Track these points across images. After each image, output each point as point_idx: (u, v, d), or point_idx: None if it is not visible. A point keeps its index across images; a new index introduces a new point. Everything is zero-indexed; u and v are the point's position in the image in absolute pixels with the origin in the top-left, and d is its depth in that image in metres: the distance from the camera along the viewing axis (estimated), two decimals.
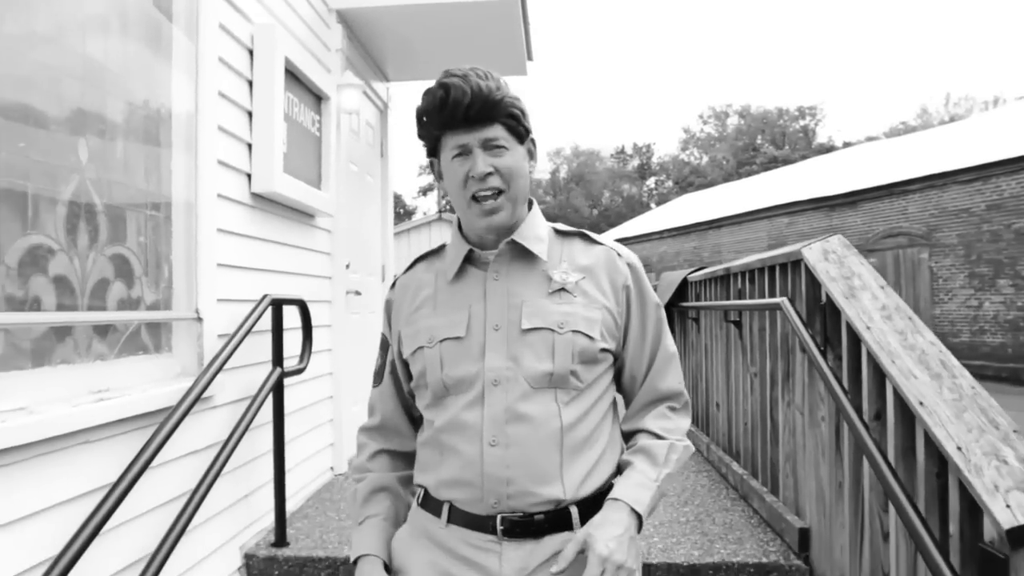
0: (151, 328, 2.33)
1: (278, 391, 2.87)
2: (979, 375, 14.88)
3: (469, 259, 1.29)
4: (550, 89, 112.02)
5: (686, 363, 5.04)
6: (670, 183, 58.73)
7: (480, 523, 1.19)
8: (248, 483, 2.87)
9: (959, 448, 1.61)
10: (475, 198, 1.21)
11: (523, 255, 1.28)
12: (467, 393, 1.22)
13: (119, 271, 2.15)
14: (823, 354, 2.42)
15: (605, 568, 1.07)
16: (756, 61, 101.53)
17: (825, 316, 2.51)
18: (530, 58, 5.19)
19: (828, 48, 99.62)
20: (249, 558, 2.80)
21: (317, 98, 3.64)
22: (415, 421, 1.40)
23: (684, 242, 25.80)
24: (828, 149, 46.74)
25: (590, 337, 1.23)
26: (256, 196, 2.97)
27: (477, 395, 1.21)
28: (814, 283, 2.58)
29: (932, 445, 1.74)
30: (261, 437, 2.93)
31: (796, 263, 2.73)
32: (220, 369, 2.35)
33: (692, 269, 4.93)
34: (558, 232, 1.35)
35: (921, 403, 1.77)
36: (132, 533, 2.07)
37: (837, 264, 2.44)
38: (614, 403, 1.35)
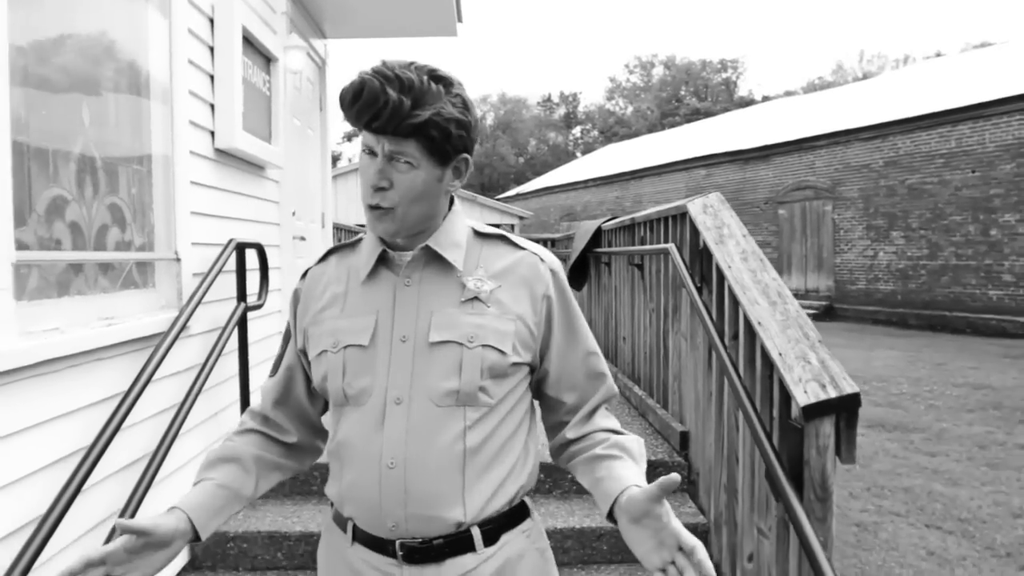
0: (140, 267, 2.72)
1: (242, 323, 3.30)
2: (872, 319, 16.20)
3: (383, 260, 1.23)
4: (478, 35, 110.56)
5: (599, 303, 5.64)
6: (596, 132, 59.47)
7: (381, 545, 1.17)
8: (217, 403, 3.30)
9: (780, 354, 2.20)
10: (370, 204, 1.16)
11: (438, 260, 1.22)
12: (366, 406, 1.17)
13: (115, 218, 2.53)
14: (699, 290, 3.00)
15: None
16: (683, 12, 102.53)
17: (702, 259, 3.08)
18: (460, 20, 5.57)
19: (751, 2, 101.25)
20: None
21: (267, 60, 3.97)
22: (301, 417, 1.36)
23: (608, 191, 26.55)
24: (748, 102, 48.19)
25: (501, 351, 1.17)
26: (219, 151, 3.33)
27: (377, 411, 1.16)
28: (695, 232, 3.14)
29: (766, 355, 2.33)
30: (227, 364, 3.35)
31: (683, 215, 3.29)
32: (199, 303, 2.76)
33: (606, 218, 5.49)
34: (478, 234, 1.28)
35: (759, 323, 2.35)
36: (135, 436, 2.50)
37: (713, 216, 3.00)
38: (531, 412, 1.31)
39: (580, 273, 6.20)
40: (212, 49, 3.28)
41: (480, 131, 1.23)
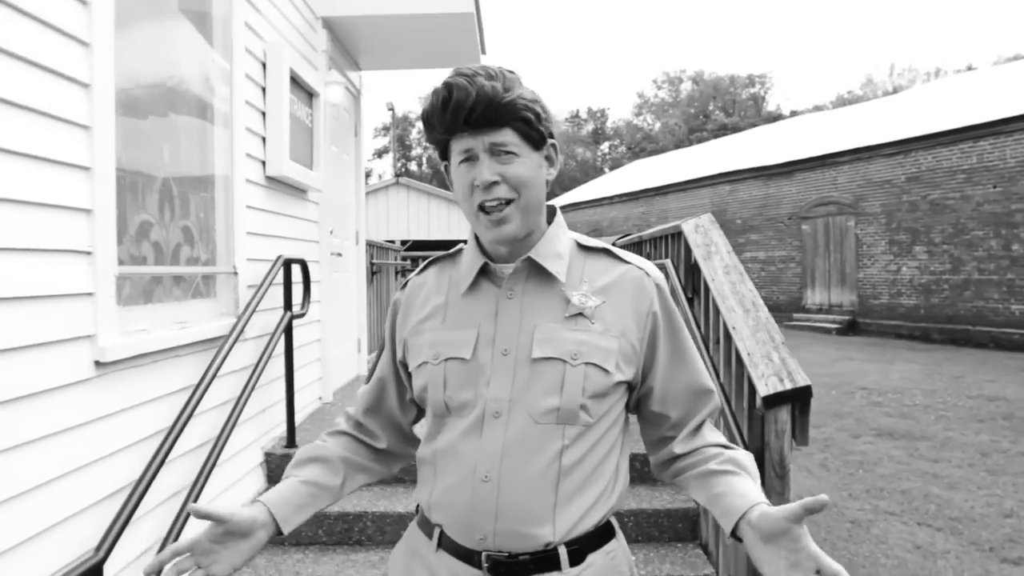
0: (204, 279, 3.17)
1: (288, 330, 3.74)
2: (895, 334, 16.31)
3: (484, 271, 1.23)
4: (505, 51, 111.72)
5: None
6: (623, 148, 59.82)
7: (467, 555, 1.16)
8: (266, 400, 3.74)
9: (748, 354, 2.58)
10: (482, 208, 1.15)
11: (541, 272, 1.21)
12: (466, 418, 1.18)
13: (186, 237, 2.99)
14: (691, 301, 3.38)
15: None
16: (712, 27, 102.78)
17: (694, 273, 3.47)
18: (484, 52, 6.02)
19: (779, 16, 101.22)
20: (268, 455, 3.70)
21: (309, 95, 4.44)
22: (392, 424, 1.40)
23: (633, 207, 26.86)
24: (776, 117, 48.25)
25: (605, 370, 1.17)
26: (269, 179, 3.80)
27: (476, 423, 1.16)
28: (688, 249, 3.52)
29: (739, 355, 2.71)
30: (275, 366, 3.79)
31: (678, 234, 3.67)
32: (254, 311, 3.21)
33: (619, 236, 5.88)
34: (581, 247, 1.28)
35: (734, 328, 2.73)
36: (202, 423, 2.94)
37: (703, 235, 3.39)
38: (624, 430, 1.27)
39: None
40: (264, 89, 3.74)
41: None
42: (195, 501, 2.58)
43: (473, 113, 1.11)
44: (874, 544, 4.41)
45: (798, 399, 2.38)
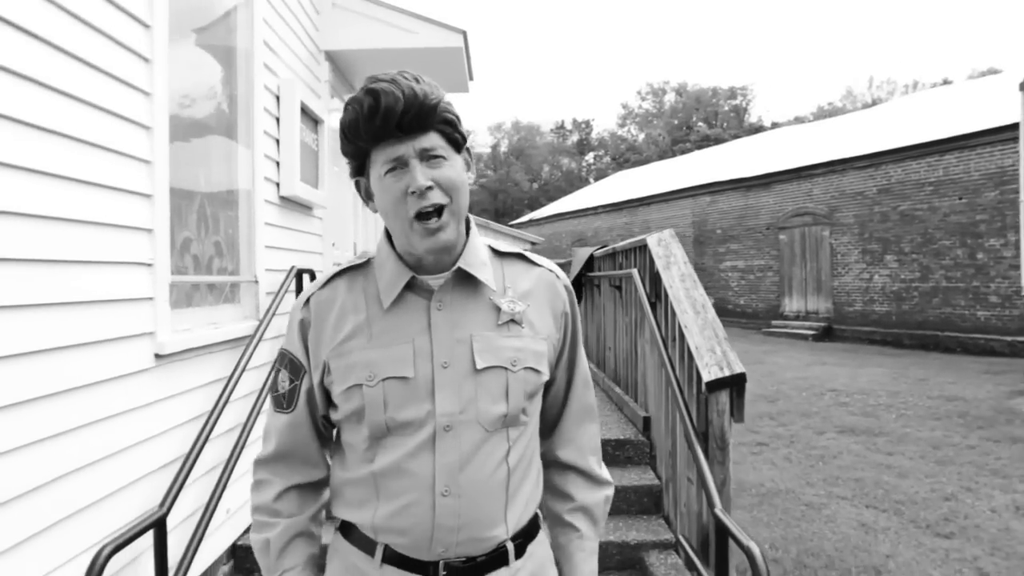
0: (231, 286, 3.65)
1: None
2: (869, 340, 16.90)
3: (408, 284, 1.19)
4: (491, 63, 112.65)
5: (592, 320, 6.53)
6: (608, 158, 60.51)
7: (420, 567, 1.15)
8: None
9: (696, 347, 3.08)
10: (417, 217, 1.10)
11: (468, 281, 1.20)
12: (414, 436, 1.14)
13: (216, 251, 3.47)
14: (653, 305, 3.89)
15: None
16: (695, 39, 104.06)
17: (657, 281, 3.97)
18: (471, 78, 6.53)
19: (762, 28, 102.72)
20: None
21: (315, 121, 4.93)
22: (325, 444, 1.30)
23: (617, 218, 27.44)
24: (758, 128, 49.11)
25: (538, 371, 1.21)
26: (283, 198, 4.28)
27: (426, 440, 1.14)
28: (652, 260, 4.03)
29: (690, 350, 3.21)
30: None
31: (644, 246, 4.18)
32: (273, 315, 3.68)
33: (597, 247, 6.39)
34: (497, 253, 1.28)
35: (686, 327, 3.24)
36: (233, 410, 3.40)
37: (664, 248, 3.90)
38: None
39: (576, 294, 7.11)
40: (278, 120, 4.23)
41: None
42: (228, 476, 3.05)
43: (405, 117, 1.08)
44: (823, 523, 4.92)
45: (735, 384, 2.89)
